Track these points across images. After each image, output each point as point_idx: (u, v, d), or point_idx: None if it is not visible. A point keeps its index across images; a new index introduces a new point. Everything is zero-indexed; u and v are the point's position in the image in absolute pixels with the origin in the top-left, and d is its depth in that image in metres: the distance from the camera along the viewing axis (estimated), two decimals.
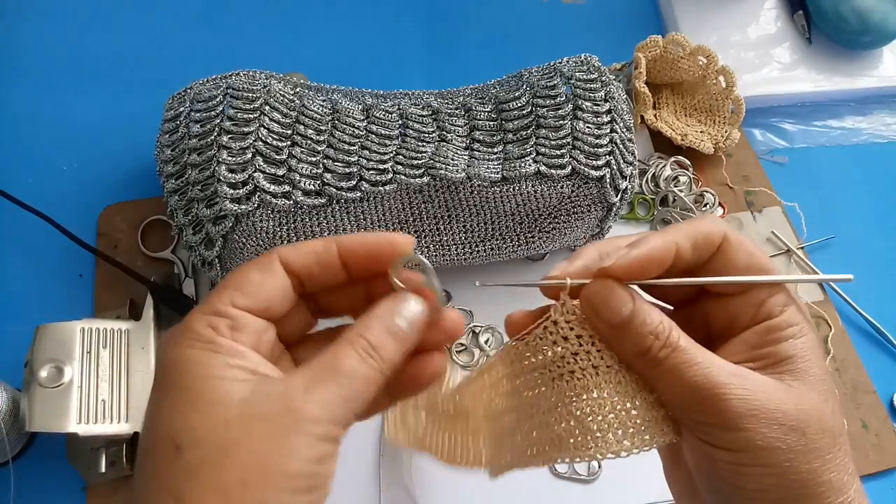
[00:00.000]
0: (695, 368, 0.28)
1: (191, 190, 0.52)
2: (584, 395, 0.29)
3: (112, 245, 0.62)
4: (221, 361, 0.26)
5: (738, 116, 0.69)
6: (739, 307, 0.31)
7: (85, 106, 0.70)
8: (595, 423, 0.28)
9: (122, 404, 0.51)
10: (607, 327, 0.30)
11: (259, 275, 0.29)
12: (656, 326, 0.29)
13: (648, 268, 0.29)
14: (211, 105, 0.53)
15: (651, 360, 0.29)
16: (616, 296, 0.29)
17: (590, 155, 0.55)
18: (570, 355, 0.30)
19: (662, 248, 0.29)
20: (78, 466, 0.51)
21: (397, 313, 0.29)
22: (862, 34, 0.75)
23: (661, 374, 0.29)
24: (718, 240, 0.30)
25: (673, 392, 0.29)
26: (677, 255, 0.30)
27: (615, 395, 0.29)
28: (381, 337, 0.28)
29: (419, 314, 0.30)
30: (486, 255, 0.58)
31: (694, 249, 0.30)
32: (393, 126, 0.56)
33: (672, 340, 0.29)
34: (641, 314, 0.29)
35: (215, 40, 0.75)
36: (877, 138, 0.76)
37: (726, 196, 0.69)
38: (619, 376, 0.30)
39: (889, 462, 0.58)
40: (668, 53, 0.69)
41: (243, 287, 0.28)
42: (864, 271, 0.68)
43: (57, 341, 0.51)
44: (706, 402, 0.28)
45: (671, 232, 0.30)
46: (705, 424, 0.28)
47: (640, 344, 0.29)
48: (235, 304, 0.28)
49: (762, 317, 0.30)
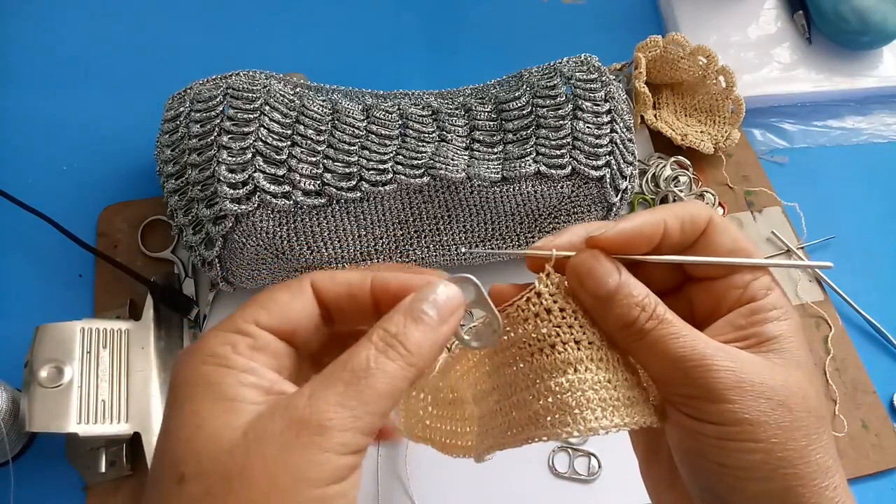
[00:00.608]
0: (682, 340, 0.28)
1: (191, 190, 0.52)
2: (564, 370, 0.28)
3: (112, 245, 0.62)
4: (233, 380, 0.24)
5: (738, 116, 0.69)
6: (723, 290, 0.31)
7: (85, 106, 0.70)
8: (574, 399, 0.28)
9: (122, 404, 0.51)
10: (592, 298, 0.29)
11: (287, 295, 0.27)
12: (642, 299, 0.28)
13: (637, 242, 0.29)
14: (211, 105, 0.53)
15: (636, 332, 0.28)
16: (602, 266, 0.29)
17: (590, 155, 0.55)
18: (553, 328, 0.29)
19: (651, 223, 0.29)
20: (78, 466, 0.51)
21: (422, 298, 0.27)
22: (862, 34, 0.75)
23: (647, 345, 0.28)
24: (704, 222, 0.30)
25: (658, 365, 0.28)
26: (665, 234, 0.30)
27: (596, 372, 0.29)
28: (402, 323, 0.26)
29: (449, 300, 0.27)
30: (486, 255, 0.58)
31: (681, 230, 0.30)
32: (393, 126, 0.56)
33: (658, 313, 0.28)
34: (627, 286, 0.29)
35: (215, 40, 0.75)
36: (877, 138, 0.76)
37: (726, 196, 0.69)
38: (601, 353, 0.29)
39: (889, 462, 0.58)
40: (668, 53, 0.69)
41: (269, 306, 0.26)
42: (864, 271, 0.68)
43: (57, 341, 0.51)
44: (692, 374, 0.27)
45: (660, 210, 0.30)
46: (690, 398, 0.28)
47: (625, 315, 0.28)
48: (259, 322, 0.26)
49: (746, 299, 0.30)
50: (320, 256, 0.54)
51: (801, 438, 0.27)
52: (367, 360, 0.24)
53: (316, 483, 0.22)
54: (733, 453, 0.27)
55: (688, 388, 0.28)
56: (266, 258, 0.53)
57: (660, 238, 0.30)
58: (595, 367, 0.29)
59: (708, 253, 0.31)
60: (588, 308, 0.30)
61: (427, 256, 0.57)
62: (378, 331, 0.25)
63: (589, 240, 0.30)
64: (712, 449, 0.27)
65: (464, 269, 0.60)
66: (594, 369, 0.29)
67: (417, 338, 0.25)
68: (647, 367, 0.29)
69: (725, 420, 0.27)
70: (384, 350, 0.25)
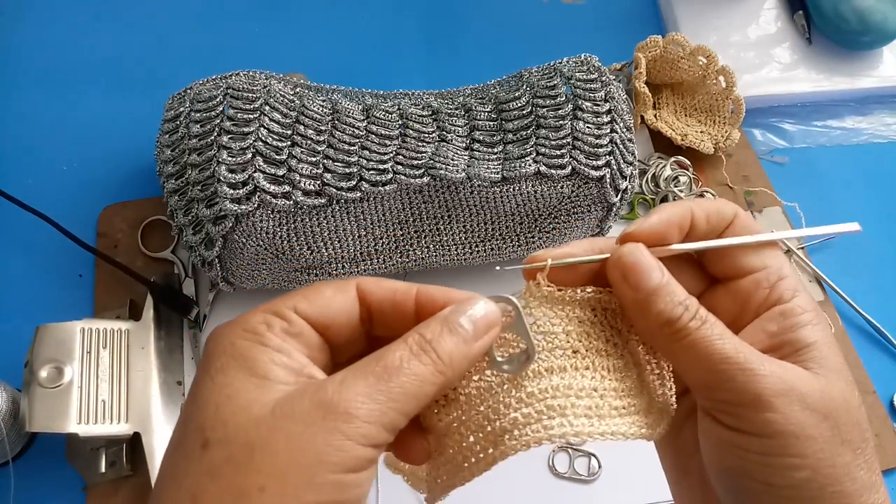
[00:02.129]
0: (726, 341, 0.27)
1: (191, 190, 0.52)
2: (549, 376, 0.28)
3: (112, 245, 0.62)
4: (267, 357, 0.25)
5: (738, 116, 0.69)
6: (748, 290, 0.30)
7: (85, 106, 0.70)
8: (558, 403, 0.27)
9: (122, 404, 0.51)
10: (634, 292, 0.28)
11: (331, 290, 0.27)
12: (685, 299, 0.28)
13: (670, 231, 0.29)
14: (211, 105, 0.53)
15: (678, 330, 0.27)
16: (648, 261, 0.28)
17: (590, 155, 0.55)
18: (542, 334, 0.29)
19: (680, 213, 0.30)
20: (78, 466, 0.51)
21: (460, 311, 0.27)
22: (862, 34, 0.75)
23: (688, 346, 0.27)
24: (731, 216, 0.30)
25: (699, 368, 0.27)
26: (692, 225, 0.30)
27: (581, 380, 0.28)
28: (438, 331, 0.26)
29: (487, 317, 0.27)
30: (486, 255, 0.58)
31: (707, 221, 0.30)
32: (393, 126, 0.56)
33: (702, 314, 0.28)
34: (672, 284, 0.28)
35: (215, 40, 0.75)
36: (877, 138, 0.76)
37: (726, 196, 0.69)
38: (587, 361, 0.29)
39: (889, 462, 0.58)
40: (668, 53, 0.69)
41: (310, 296, 0.27)
42: (864, 271, 0.68)
43: (57, 341, 0.51)
44: (737, 378, 0.26)
45: (687, 202, 0.30)
46: (732, 404, 0.26)
47: (669, 312, 0.27)
48: (297, 309, 0.26)
49: (772, 301, 0.29)
50: (320, 256, 0.54)
51: (847, 453, 0.26)
52: (400, 360, 0.25)
53: (335, 468, 0.22)
54: (779, 471, 0.26)
55: (730, 394, 0.26)
56: (266, 258, 0.53)
57: (689, 227, 0.30)
58: (580, 375, 0.28)
59: (729, 249, 0.30)
60: (627, 303, 0.29)
61: (427, 256, 0.57)
62: (414, 335, 0.26)
63: (625, 235, 0.29)
64: (757, 467, 0.26)
65: (464, 269, 0.60)
66: (579, 377, 0.28)
67: (450, 348, 0.26)
68: (687, 370, 0.28)
69: (769, 431, 0.26)
70: (417, 353, 0.25)
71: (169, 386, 0.55)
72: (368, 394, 0.23)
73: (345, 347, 0.28)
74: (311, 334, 0.27)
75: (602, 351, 0.30)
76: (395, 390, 0.24)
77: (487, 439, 0.27)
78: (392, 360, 0.25)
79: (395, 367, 0.24)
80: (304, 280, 0.56)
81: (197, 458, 0.23)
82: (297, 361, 0.25)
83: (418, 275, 0.61)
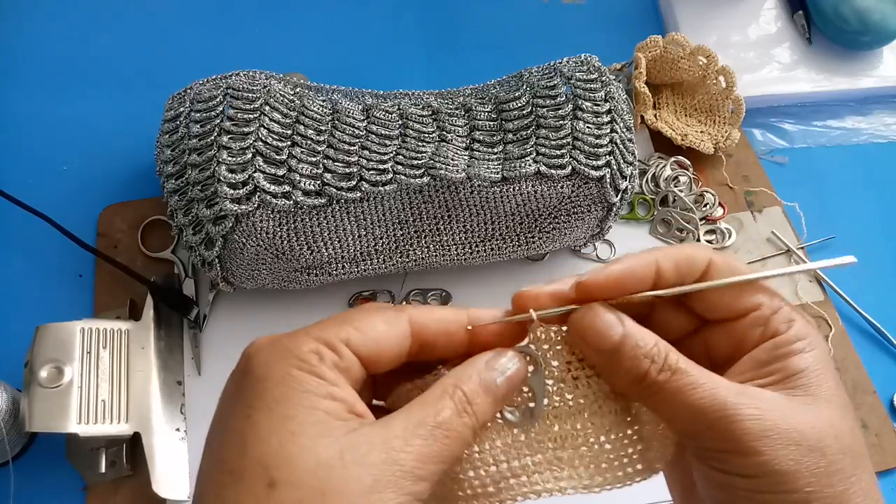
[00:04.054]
0: (700, 390, 0.26)
1: (191, 190, 0.52)
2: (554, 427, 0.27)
3: (112, 245, 0.62)
4: (325, 391, 0.25)
5: (738, 116, 0.69)
6: (742, 330, 0.29)
7: (85, 106, 0.70)
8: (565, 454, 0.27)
9: (122, 404, 0.51)
10: (597, 354, 0.28)
11: (384, 325, 0.27)
12: (650, 349, 0.27)
13: (628, 284, 0.28)
14: (211, 105, 0.53)
15: (649, 385, 0.27)
16: (603, 318, 0.27)
17: (590, 155, 0.55)
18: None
19: (641, 264, 0.28)
20: (78, 466, 0.51)
21: (496, 367, 0.27)
22: (862, 34, 0.75)
23: (663, 399, 0.27)
24: (703, 263, 0.29)
25: (678, 419, 0.27)
26: (658, 275, 0.28)
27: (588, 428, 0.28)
28: (476, 391, 0.26)
29: (517, 376, 0.27)
30: (486, 255, 0.58)
31: (676, 271, 0.29)
32: (393, 126, 0.56)
33: (671, 362, 0.27)
34: (633, 337, 0.27)
35: (215, 40, 0.75)
36: (877, 138, 0.76)
37: (726, 196, 0.69)
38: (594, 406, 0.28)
39: (889, 462, 0.58)
40: (668, 53, 0.69)
41: (363, 328, 0.27)
42: (864, 271, 0.67)
43: (57, 341, 0.51)
44: (716, 426, 0.26)
45: (652, 251, 0.29)
46: (717, 451, 0.26)
47: (635, 369, 0.27)
48: (350, 342, 0.26)
49: (768, 336, 0.28)
50: (320, 256, 0.54)
51: (838, 483, 0.26)
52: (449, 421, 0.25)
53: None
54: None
55: (713, 442, 0.26)
56: (266, 258, 0.53)
57: (653, 279, 0.28)
58: (589, 423, 0.28)
59: (713, 293, 0.29)
60: (595, 365, 0.28)
61: (427, 256, 0.57)
62: (458, 392, 0.26)
63: (577, 285, 0.28)
64: (745, 502, 0.26)
65: (463, 269, 0.60)
66: (586, 423, 0.28)
67: (485, 408, 0.26)
68: (668, 421, 0.28)
69: (755, 472, 0.25)
70: (461, 413, 0.26)
71: (169, 386, 0.55)
72: (429, 456, 0.24)
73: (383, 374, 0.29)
74: (358, 368, 0.27)
75: (608, 394, 0.29)
76: (444, 453, 0.25)
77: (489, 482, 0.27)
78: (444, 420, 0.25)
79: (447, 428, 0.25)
80: (304, 280, 0.56)
81: (264, 498, 0.23)
82: (349, 397, 0.25)
83: (418, 275, 0.61)
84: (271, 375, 0.25)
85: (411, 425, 0.25)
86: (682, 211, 0.66)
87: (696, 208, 0.67)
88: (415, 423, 0.25)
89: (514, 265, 0.63)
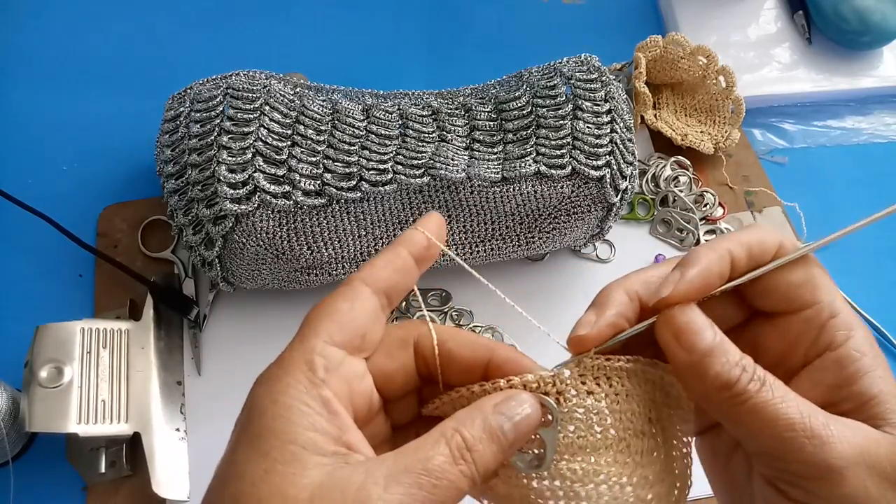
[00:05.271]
0: (789, 404, 0.24)
1: (191, 190, 0.52)
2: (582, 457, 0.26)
3: (112, 245, 0.62)
4: (308, 422, 0.23)
5: (738, 116, 0.69)
6: (796, 329, 0.28)
7: (85, 106, 0.70)
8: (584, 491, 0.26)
9: (122, 404, 0.51)
10: (688, 355, 0.26)
11: (349, 304, 0.26)
12: (740, 358, 0.26)
13: (710, 284, 0.27)
14: (211, 105, 0.53)
15: (737, 394, 0.25)
16: (699, 320, 0.26)
17: (590, 155, 0.55)
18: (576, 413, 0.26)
19: (717, 260, 0.27)
20: (78, 466, 0.51)
21: (503, 411, 0.25)
22: (862, 34, 0.75)
23: (749, 410, 0.25)
24: (774, 247, 0.28)
25: (760, 434, 0.25)
26: (733, 266, 0.27)
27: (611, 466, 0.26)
28: (479, 437, 0.24)
29: (528, 424, 0.25)
30: (486, 255, 0.58)
31: (749, 258, 0.27)
32: (393, 126, 0.56)
33: (760, 374, 0.25)
34: (726, 343, 0.26)
35: (215, 40, 0.75)
36: (877, 138, 0.76)
37: (726, 196, 0.69)
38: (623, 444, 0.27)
39: None
40: (668, 53, 0.69)
41: (343, 322, 0.26)
42: (864, 272, 0.67)
43: (57, 341, 0.51)
44: (805, 448, 0.24)
45: (722, 241, 0.27)
46: (801, 477, 0.25)
47: (725, 374, 0.25)
48: (334, 339, 0.25)
49: (824, 344, 0.27)
50: (320, 256, 0.54)
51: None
52: (441, 468, 0.23)
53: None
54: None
55: (799, 465, 0.24)
56: (266, 258, 0.53)
57: (728, 272, 0.27)
58: (613, 461, 0.27)
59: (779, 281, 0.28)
60: (681, 366, 0.27)
61: None
62: (456, 437, 0.24)
63: (659, 302, 0.27)
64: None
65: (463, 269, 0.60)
66: (611, 462, 0.27)
67: (488, 458, 0.24)
68: (748, 437, 0.26)
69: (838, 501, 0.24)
70: (457, 461, 0.24)
71: (169, 386, 0.55)
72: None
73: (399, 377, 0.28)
74: (353, 365, 0.26)
75: (638, 432, 0.28)
76: (432, 500, 0.23)
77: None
78: (436, 469, 0.23)
79: (437, 475, 0.23)
80: (304, 280, 0.56)
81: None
82: (335, 426, 0.24)
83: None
84: (257, 406, 0.24)
85: (397, 471, 0.23)
86: (682, 211, 0.66)
87: (696, 208, 0.67)
88: (401, 469, 0.23)
89: (514, 265, 0.63)
